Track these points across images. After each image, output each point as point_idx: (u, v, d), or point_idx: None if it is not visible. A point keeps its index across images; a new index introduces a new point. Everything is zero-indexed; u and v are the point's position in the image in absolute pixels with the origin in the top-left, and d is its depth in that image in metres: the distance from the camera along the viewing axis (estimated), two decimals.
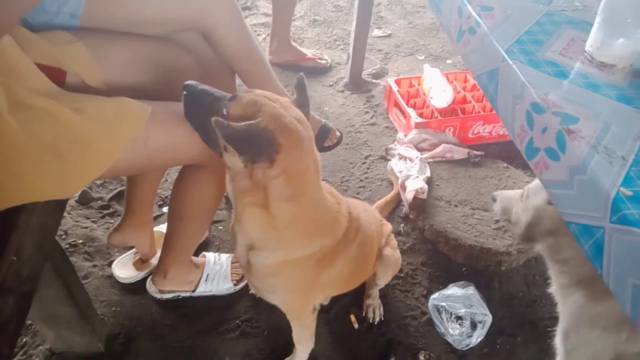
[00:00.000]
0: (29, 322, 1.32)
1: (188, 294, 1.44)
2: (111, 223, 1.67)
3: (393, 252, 1.36)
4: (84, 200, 1.73)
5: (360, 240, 1.12)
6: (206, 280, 1.45)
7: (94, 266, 1.54)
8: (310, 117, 0.96)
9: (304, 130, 0.90)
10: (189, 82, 0.92)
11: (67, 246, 1.56)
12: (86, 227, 1.64)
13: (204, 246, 1.61)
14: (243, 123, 0.81)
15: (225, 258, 1.51)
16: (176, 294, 1.44)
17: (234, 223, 1.03)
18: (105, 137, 0.89)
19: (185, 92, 0.91)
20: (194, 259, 1.46)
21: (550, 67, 0.80)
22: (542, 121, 0.72)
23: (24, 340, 1.33)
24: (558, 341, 1.07)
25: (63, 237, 1.59)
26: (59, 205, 1.05)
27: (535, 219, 1.04)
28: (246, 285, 1.49)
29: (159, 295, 1.44)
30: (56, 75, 0.95)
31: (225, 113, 0.87)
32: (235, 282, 1.48)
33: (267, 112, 0.85)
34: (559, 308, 1.08)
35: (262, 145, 0.83)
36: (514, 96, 0.79)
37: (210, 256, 1.50)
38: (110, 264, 1.53)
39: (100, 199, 1.76)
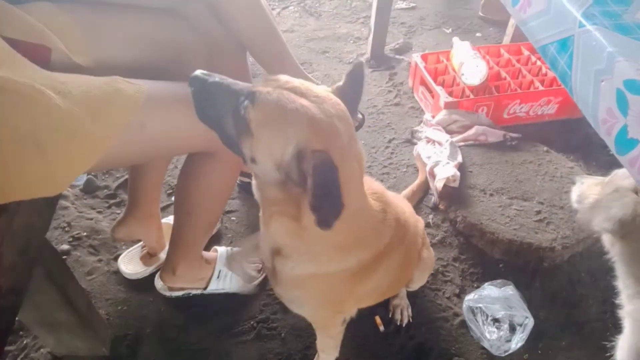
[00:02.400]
0: None
1: (199, 292, 1.34)
2: (118, 213, 1.56)
3: (429, 253, 1.22)
4: (89, 189, 1.63)
5: (405, 248, 0.98)
6: (218, 277, 1.35)
7: (99, 261, 1.44)
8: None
9: (345, 129, 0.71)
10: (196, 73, 0.71)
11: (71, 239, 1.47)
12: (91, 219, 1.54)
13: (215, 239, 1.49)
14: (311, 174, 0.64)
15: None
16: (186, 291, 1.34)
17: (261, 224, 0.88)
18: (94, 124, 0.78)
19: (192, 88, 0.72)
20: (205, 253, 1.35)
21: None
22: None
23: (25, 342, 1.24)
24: (622, 357, 0.95)
25: (66, 229, 1.49)
26: (48, 203, 0.93)
27: (608, 202, 0.90)
28: (261, 283, 1.37)
29: (168, 293, 1.33)
30: (39, 52, 0.84)
31: (244, 115, 0.69)
32: None
33: (299, 122, 0.67)
34: (625, 322, 0.94)
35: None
36: (597, 71, 0.62)
37: (222, 250, 1.39)
38: (116, 259, 1.43)
39: (106, 187, 1.65)
